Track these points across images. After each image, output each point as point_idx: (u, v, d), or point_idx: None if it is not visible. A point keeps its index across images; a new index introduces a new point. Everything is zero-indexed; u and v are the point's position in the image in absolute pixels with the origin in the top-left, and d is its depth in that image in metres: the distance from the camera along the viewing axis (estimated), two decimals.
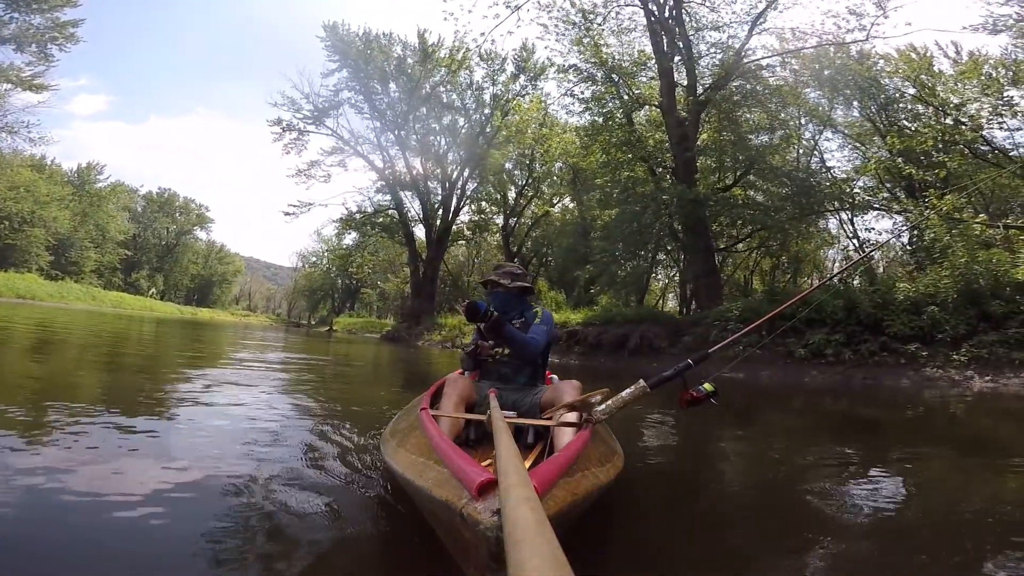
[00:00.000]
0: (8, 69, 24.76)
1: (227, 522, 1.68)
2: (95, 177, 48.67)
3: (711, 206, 13.88)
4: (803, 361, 9.55)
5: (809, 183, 14.52)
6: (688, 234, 14.41)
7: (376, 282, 49.57)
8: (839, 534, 2.08)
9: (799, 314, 8.73)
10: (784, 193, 14.75)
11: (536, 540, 0.57)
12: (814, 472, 3.25)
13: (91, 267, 45.92)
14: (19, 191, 36.18)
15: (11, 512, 1.61)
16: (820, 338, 9.55)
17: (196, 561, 1.44)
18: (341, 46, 26.80)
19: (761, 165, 15.07)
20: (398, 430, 1.99)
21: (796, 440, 4.54)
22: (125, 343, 9.92)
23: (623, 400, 1.89)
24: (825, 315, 9.73)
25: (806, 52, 14.45)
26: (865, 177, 16.35)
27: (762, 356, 9.52)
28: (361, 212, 30.11)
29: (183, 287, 63.97)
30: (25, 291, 28.35)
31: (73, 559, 1.41)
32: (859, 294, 10.14)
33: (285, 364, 8.44)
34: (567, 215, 29.71)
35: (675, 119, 14.79)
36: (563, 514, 1.21)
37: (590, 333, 12.86)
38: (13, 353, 6.57)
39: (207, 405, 3.81)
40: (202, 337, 14.62)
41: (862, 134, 18.27)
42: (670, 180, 14.83)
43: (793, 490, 2.79)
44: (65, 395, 3.76)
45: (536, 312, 2.66)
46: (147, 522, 1.64)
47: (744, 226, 15.81)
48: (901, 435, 4.99)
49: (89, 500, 1.76)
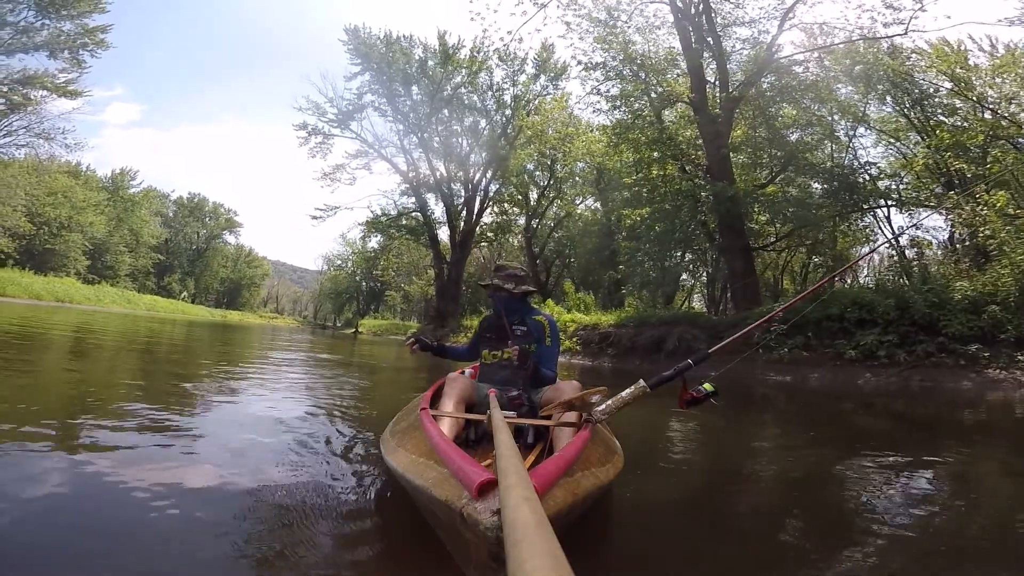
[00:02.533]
0: (43, 75, 25.68)
1: (226, 522, 1.68)
2: (128, 183, 49.97)
3: (749, 203, 13.42)
4: (854, 363, 9.10)
5: (852, 179, 13.99)
6: (725, 233, 13.97)
7: (400, 285, 49.86)
8: (861, 541, 1.95)
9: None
10: (824, 189, 14.24)
11: (536, 540, 0.57)
12: (847, 474, 3.06)
13: (126, 271, 47.18)
14: (57, 197, 37.31)
15: (45, 511, 1.65)
16: (872, 339, 9.09)
17: (193, 561, 1.45)
18: (363, 49, 27.00)
19: (799, 162, 14.57)
20: (398, 430, 2.00)
21: (835, 441, 4.31)
22: (159, 345, 10.05)
23: (623, 400, 1.89)
24: (876, 315, 9.26)
25: (838, 47, 14.04)
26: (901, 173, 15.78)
27: (809, 358, 9.13)
28: (386, 215, 30.28)
29: (213, 290, 65.44)
30: (64, 295, 29.19)
31: (80, 556, 1.43)
32: (912, 293, 9.61)
33: (311, 364, 8.51)
34: (591, 215, 29.34)
35: (707, 116, 14.43)
36: (563, 514, 1.22)
37: (624, 335, 12.50)
38: (55, 355, 6.67)
39: (233, 405, 3.92)
40: (232, 339, 14.79)
41: (898, 129, 17.64)
42: (705, 178, 14.43)
43: (819, 492, 2.66)
44: (102, 395, 3.84)
45: (540, 321, 2.60)
46: (148, 518, 1.67)
47: (784, 224, 15.27)
48: (959, 438, 4.72)
49: (112, 499, 1.81)
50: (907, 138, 17.46)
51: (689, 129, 16.70)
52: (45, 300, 26.22)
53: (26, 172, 31.79)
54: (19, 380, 4.17)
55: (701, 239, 16.60)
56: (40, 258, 35.78)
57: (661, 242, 15.24)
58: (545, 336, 2.56)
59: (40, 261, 35.36)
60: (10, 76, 25.01)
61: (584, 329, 14.41)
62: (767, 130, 15.42)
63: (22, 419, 2.68)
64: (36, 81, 25.51)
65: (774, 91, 14.67)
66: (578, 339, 14.25)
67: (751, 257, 14.37)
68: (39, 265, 34.36)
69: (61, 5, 24.41)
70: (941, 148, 13.82)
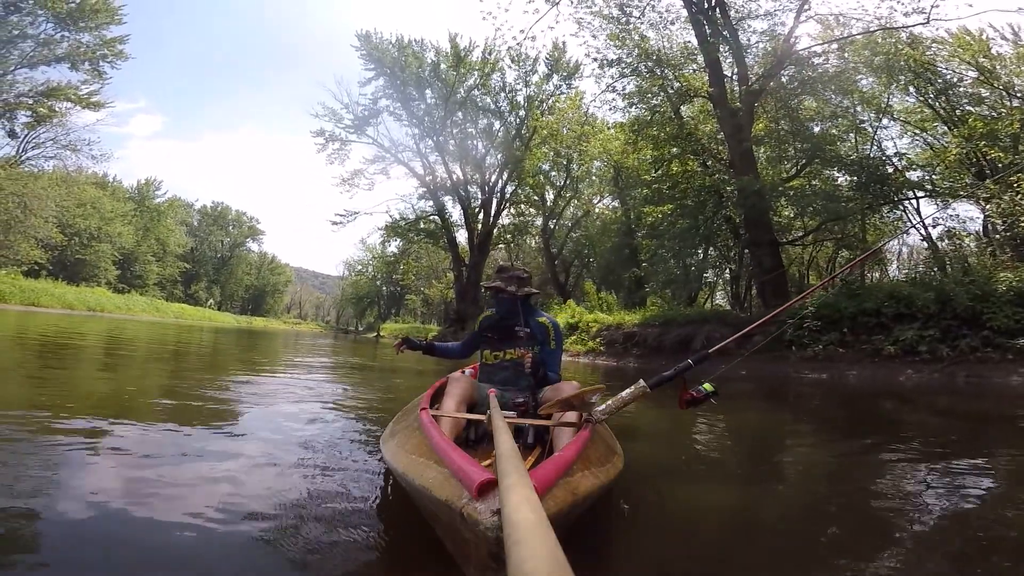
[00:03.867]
0: (66, 87, 26.60)
1: (225, 521, 1.68)
2: (153, 193, 51.29)
3: (775, 197, 13.08)
4: (893, 359, 8.75)
5: (882, 171, 13.55)
6: (751, 228, 13.64)
7: (420, 288, 50.15)
8: (884, 543, 1.84)
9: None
10: (853, 182, 13.84)
11: (536, 540, 0.57)
12: (881, 472, 2.94)
13: (154, 280, 48.40)
14: (86, 208, 38.49)
15: (75, 515, 1.66)
16: (912, 334, 8.73)
17: (189, 560, 1.44)
18: (376, 54, 27.22)
19: (825, 154, 14.18)
20: (398, 430, 1.99)
21: (871, 439, 4.12)
22: (187, 351, 10.19)
23: (623, 400, 1.89)
24: (915, 309, 8.88)
25: (857, 39, 13.77)
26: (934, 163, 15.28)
27: (845, 355, 8.81)
28: (404, 219, 30.46)
29: (238, 297, 66.77)
30: (95, 304, 30.02)
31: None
32: (953, 285, 9.20)
33: (335, 368, 8.59)
34: (610, 214, 29.01)
35: (728, 110, 14.17)
36: (563, 514, 1.21)
37: (649, 335, 12.26)
38: (89, 362, 6.79)
39: (257, 408, 3.93)
40: (258, 345, 15.00)
41: (924, 120, 17.12)
42: (728, 172, 14.12)
43: (846, 491, 2.58)
44: (133, 401, 3.89)
45: (544, 323, 2.57)
46: (144, 518, 1.68)
47: (811, 218, 14.86)
48: (1010, 435, 4.50)
49: (126, 505, 1.80)
50: (934, 129, 16.98)
51: (708, 124, 16.44)
52: (77, 309, 26.99)
53: (55, 184, 32.88)
54: (58, 385, 4.26)
55: (725, 235, 16.25)
56: (72, 268, 36.89)
57: (684, 239, 14.95)
58: (549, 338, 2.55)
59: (72, 272, 36.45)
60: (35, 88, 26.06)
61: (607, 329, 14.20)
62: (790, 123, 15.08)
63: (61, 421, 2.80)
64: (60, 93, 26.47)
65: (795, 83, 14.34)
66: (601, 339, 14.05)
67: (778, 252, 14.00)
68: (71, 275, 35.43)
69: (79, 17, 25.29)
70: (974, 137, 13.37)
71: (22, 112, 26.12)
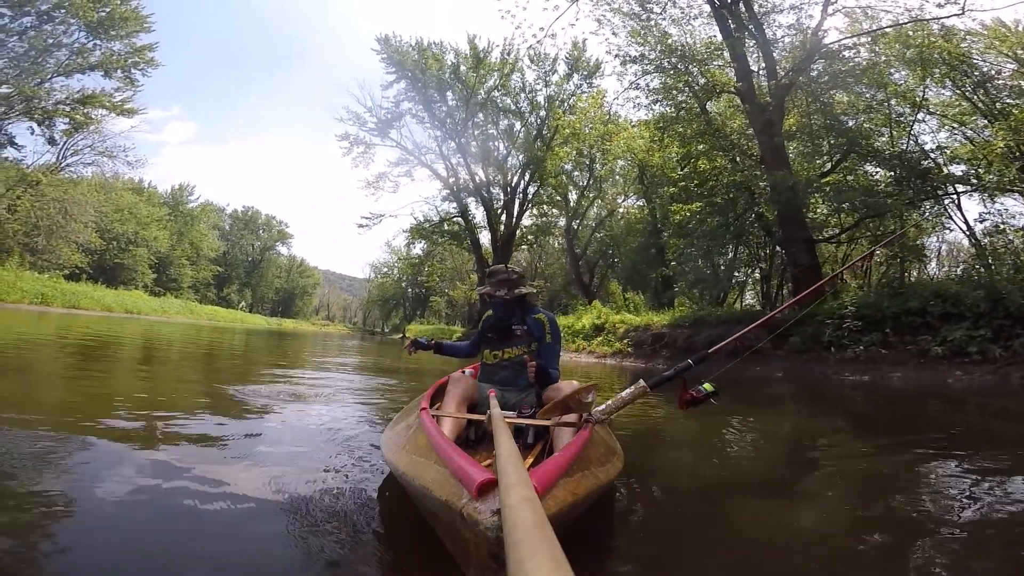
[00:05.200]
0: (101, 95, 27.68)
1: (224, 522, 1.69)
2: (187, 198, 52.80)
3: (810, 193, 12.65)
4: (941, 360, 8.32)
5: (924, 165, 12.99)
6: (785, 225, 13.21)
7: (444, 290, 50.44)
8: (905, 549, 1.78)
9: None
10: (893, 177, 13.31)
11: (536, 540, 0.57)
12: (917, 477, 2.83)
13: (188, 283, 49.78)
14: (123, 213, 39.89)
15: (112, 513, 1.70)
16: (961, 334, 8.30)
17: (185, 560, 1.44)
18: (396, 57, 27.43)
19: (862, 148, 13.67)
20: (398, 430, 2.00)
21: (912, 443, 3.92)
22: (220, 351, 10.40)
23: (623, 400, 1.91)
24: (964, 308, 8.44)
25: (888, 31, 13.41)
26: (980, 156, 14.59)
27: (888, 356, 8.42)
28: (428, 221, 30.64)
29: (268, 300, 68.29)
30: (132, 307, 31.03)
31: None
32: (1005, 283, 8.71)
33: (362, 368, 8.69)
34: (636, 213, 28.59)
35: (757, 105, 13.81)
36: (563, 514, 1.22)
37: (679, 335, 11.98)
38: (129, 361, 6.96)
39: (287, 406, 3.97)
40: (288, 346, 15.25)
41: (962, 113, 16.41)
42: (759, 168, 13.74)
43: (872, 496, 2.49)
44: (171, 399, 3.96)
45: (540, 319, 2.57)
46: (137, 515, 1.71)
47: (849, 214, 14.33)
48: None
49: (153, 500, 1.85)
50: (973, 122, 16.29)
51: (736, 120, 16.06)
52: (115, 312, 27.91)
53: (94, 190, 34.26)
54: (100, 383, 4.39)
55: (757, 233, 15.81)
56: (111, 272, 38.23)
57: (714, 237, 14.59)
58: (546, 333, 2.55)
59: (111, 275, 37.77)
60: (71, 96, 27.08)
61: (635, 330, 13.95)
62: (823, 117, 14.61)
63: (99, 417, 2.91)
64: (95, 100, 27.51)
65: (826, 77, 13.93)
66: (629, 340, 13.80)
67: (814, 249, 13.55)
68: (110, 279, 36.72)
69: (109, 25, 26.26)
70: (1021, 130, 12.76)
71: (60, 119, 27.22)
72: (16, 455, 2.12)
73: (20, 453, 2.15)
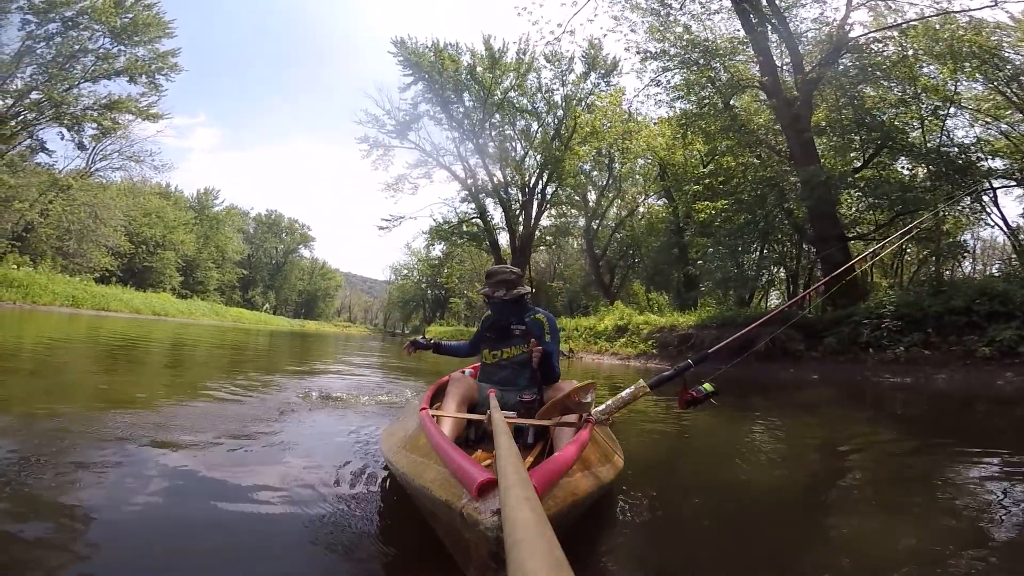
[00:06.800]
0: (127, 100, 28.50)
1: (222, 522, 1.69)
2: (212, 202, 53.93)
3: (843, 189, 12.22)
4: (989, 361, 7.90)
5: (963, 159, 12.47)
6: (816, 222, 12.79)
7: (464, 291, 50.53)
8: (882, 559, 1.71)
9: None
10: (928, 171, 12.80)
11: (536, 540, 0.57)
12: (889, 482, 2.77)
13: (214, 285, 50.81)
14: (151, 217, 40.99)
15: (134, 508, 1.74)
16: (1010, 333, 7.88)
17: (184, 557, 1.44)
18: (413, 59, 27.46)
19: (896, 143, 13.17)
20: (398, 430, 2.00)
21: (951, 446, 3.79)
22: (245, 352, 10.50)
23: (623, 400, 1.93)
24: (1013, 307, 8.02)
25: (915, 24, 13.00)
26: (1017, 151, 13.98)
27: (931, 357, 8.03)
28: (447, 222, 30.64)
29: (292, 302, 69.40)
30: (160, 309, 31.73)
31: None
32: None
33: (384, 369, 8.66)
34: (657, 211, 28.14)
35: (784, 100, 13.42)
36: (563, 514, 1.22)
37: (706, 336, 11.64)
38: (158, 361, 7.03)
39: (308, 407, 3.91)
40: (311, 347, 15.40)
41: (997, 107, 15.76)
42: (788, 164, 13.34)
43: (902, 502, 2.42)
44: (198, 398, 3.93)
45: (539, 319, 2.58)
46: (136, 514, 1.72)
47: (883, 211, 13.82)
48: None
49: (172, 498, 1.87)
50: (1009, 117, 15.66)
51: (762, 115, 15.66)
52: (144, 314, 28.53)
53: (123, 194, 35.26)
54: (125, 384, 4.45)
55: (786, 230, 15.37)
56: (140, 275, 39.18)
57: (741, 235, 14.21)
58: (544, 333, 2.55)
59: (140, 278, 38.71)
60: (98, 101, 27.93)
61: (660, 331, 13.66)
62: (853, 111, 14.17)
63: (123, 416, 2.97)
64: (121, 106, 28.35)
65: (854, 71, 13.50)
66: (654, 342, 13.51)
67: (847, 247, 13.08)
68: (139, 282, 37.63)
69: (132, 31, 27.01)
70: None
71: (88, 124, 28.05)
72: (44, 453, 2.15)
73: (47, 451, 2.19)
